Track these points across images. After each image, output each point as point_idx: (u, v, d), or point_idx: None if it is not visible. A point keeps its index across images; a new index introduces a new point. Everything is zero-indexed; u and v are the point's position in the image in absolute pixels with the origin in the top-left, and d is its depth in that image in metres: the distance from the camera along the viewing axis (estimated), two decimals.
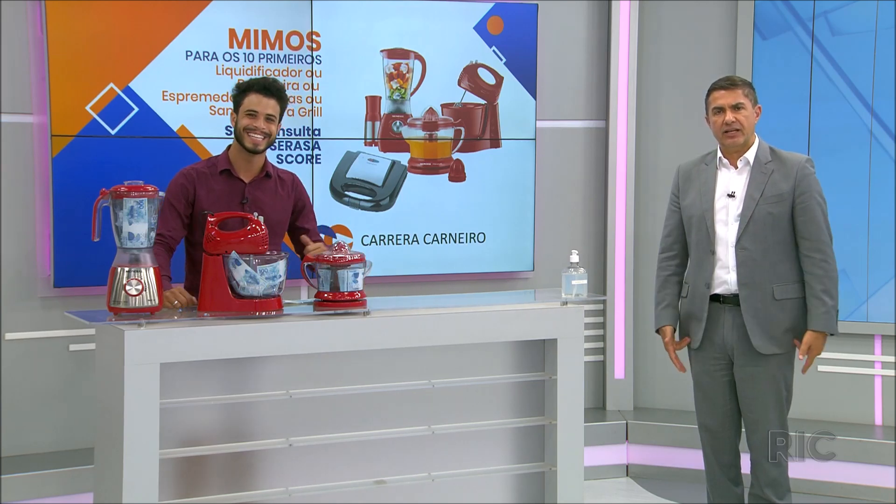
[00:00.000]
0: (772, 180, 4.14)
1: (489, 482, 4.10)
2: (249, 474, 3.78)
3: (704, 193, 4.22)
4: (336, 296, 3.81)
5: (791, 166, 4.16)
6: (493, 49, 5.60)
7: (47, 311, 4.97)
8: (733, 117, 4.14)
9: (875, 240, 5.61)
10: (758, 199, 4.12)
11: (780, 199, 4.12)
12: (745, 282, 4.13)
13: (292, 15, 5.24)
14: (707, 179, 4.23)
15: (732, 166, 4.20)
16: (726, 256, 4.16)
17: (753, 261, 4.12)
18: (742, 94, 4.15)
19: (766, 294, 4.13)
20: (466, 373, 4.02)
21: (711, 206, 4.19)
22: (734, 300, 4.16)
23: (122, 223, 3.57)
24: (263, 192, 4.22)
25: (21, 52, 4.90)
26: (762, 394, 4.19)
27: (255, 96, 4.13)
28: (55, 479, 4.74)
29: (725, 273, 4.17)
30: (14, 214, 4.93)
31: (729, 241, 4.16)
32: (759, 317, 4.13)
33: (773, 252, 4.13)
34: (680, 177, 4.35)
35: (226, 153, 4.25)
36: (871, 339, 5.66)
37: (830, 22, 5.67)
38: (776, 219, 4.12)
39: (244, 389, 3.73)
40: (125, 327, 3.49)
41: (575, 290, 4.10)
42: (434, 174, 5.58)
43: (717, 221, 4.18)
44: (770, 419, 4.20)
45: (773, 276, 4.13)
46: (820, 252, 4.13)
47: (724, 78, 4.25)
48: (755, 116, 4.20)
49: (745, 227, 4.12)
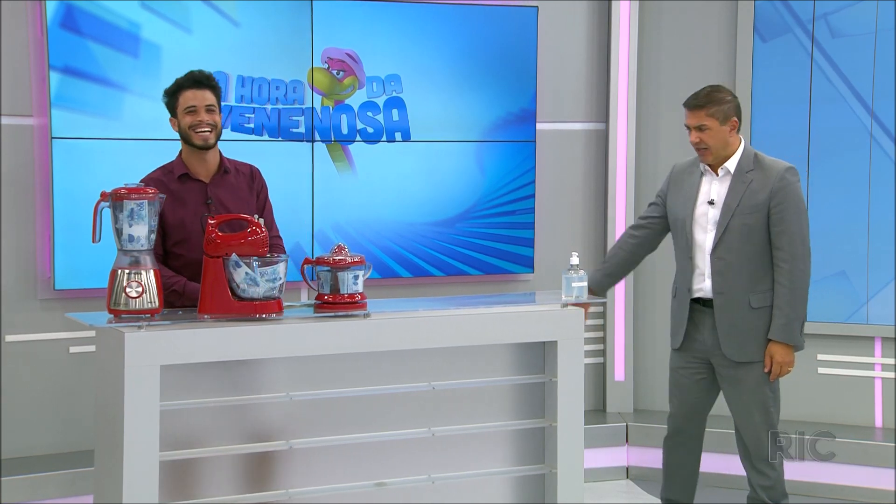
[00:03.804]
0: (750, 190, 4.16)
1: (489, 484, 4.10)
2: (249, 477, 3.78)
3: (688, 199, 4.26)
4: (336, 298, 3.81)
5: (770, 176, 4.17)
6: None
7: (48, 313, 4.97)
8: (698, 138, 4.19)
9: (875, 242, 5.62)
10: (734, 209, 4.15)
11: (756, 209, 4.14)
12: (720, 290, 4.17)
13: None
14: (692, 184, 4.27)
15: (714, 174, 4.24)
16: (703, 263, 4.20)
17: (729, 270, 4.15)
18: (705, 116, 4.17)
19: (741, 303, 4.16)
20: (467, 375, 4.02)
21: (692, 212, 4.23)
22: (711, 304, 4.21)
23: (122, 225, 3.56)
24: (225, 189, 4.12)
25: (21, 54, 4.91)
26: (745, 399, 4.23)
27: (189, 92, 4.01)
28: (55, 481, 4.74)
29: (702, 280, 4.22)
30: (15, 216, 4.93)
31: (706, 248, 4.19)
32: (734, 325, 4.17)
33: (749, 261, 4.16)
34: (672, 176, 4.39)
35: (179, 157, 4.12)
36: (871, 341, 5.66)
37: (830, 24, 5.67)
38: (752, 229, 4.15)
39: (244, 392, 3.73)
40: (125, 329, 3.48)
41: (575, 292, 4.10)
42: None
43: (697, 228, 4.22)
44: (756, 423, 4.23)
45: (749, 285, 4.16)
46: (789, 263, 4.13)
47: (693, 94, 4.26)
48: (727, 131, 4.20)
49: (721, 237, 4.16)
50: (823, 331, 5.70)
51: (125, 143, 5.00)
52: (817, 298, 5.67)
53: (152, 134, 5.02)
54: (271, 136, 5.28)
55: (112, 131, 4.98)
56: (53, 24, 4.85)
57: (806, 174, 5.72)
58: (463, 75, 5.63)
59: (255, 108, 5.24)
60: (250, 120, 5.22)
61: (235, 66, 5.20)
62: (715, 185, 4.23)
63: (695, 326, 4.26)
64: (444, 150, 5.63)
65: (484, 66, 5.67)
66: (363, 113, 5.47)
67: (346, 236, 5.41)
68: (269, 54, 5.26)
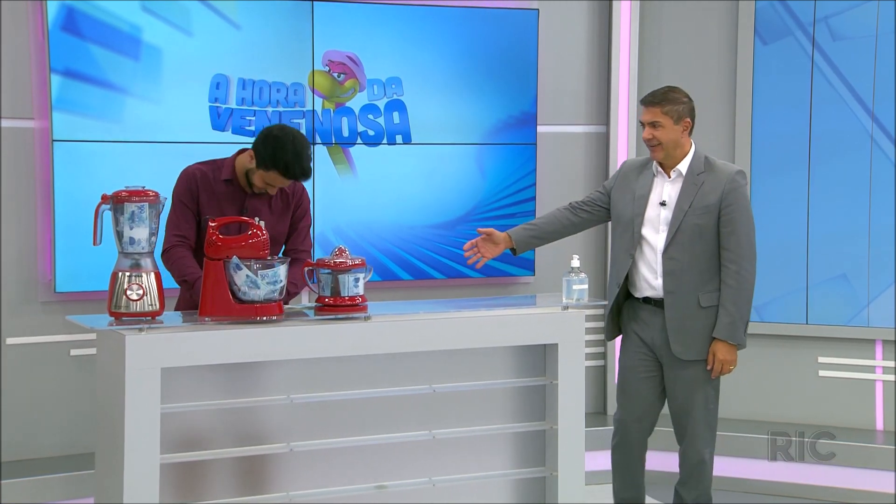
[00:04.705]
0: (701, 192, 4.22)
1: (490, 487, 4.10)
2: (250, 479, 3.78)
3: (638, 199, 4.30)
4: (337, 300, 3.82)
5: (721, 178, 4.23)
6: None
7: (48, 315, 4.97)
8: (650, 134, 4.24)
9: (876, 245, 5.61)
10: (686, 210, 4.21)
11: (708, 210, 4.20)
12: (671, 290, 4.21)
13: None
14: (644, 185, 4.32)
15: (666, 175, 4.29)
16: (655, 263, 4.24)
17: (681, 269, 4.20)
18: (660, 113, 4.22)
19: (691, 302, 4.21)
20: (467, 377, 4.02)
21: (642, 212, 4.28)
22: (662, 304, 4.24)
23: (123, 228, 3.57)
24: (263, 203, 4.13)
25: (22, 57, 4.91)
26: (688, 397, 4.26)
27: (282, 179, 4.00)
28: (56, 484, 4.74)
29: (654, 278, 4.25)
30: (15, 219, 4.93)
31: (658, 248, 4.23)
32: (683, 324, 4.21)
33: (699, 261, 4.21)
34: (622, 173, 4.44)
35: (233, 161, 4.14)
36: (871, 344, 5.65)
37: (831, 27, 5.67)
38: (703, 229, 4.20)
39: (245, 394, 3.73)
40: (126, 332, 3.49)
41: (576, 295, 4.11)
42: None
43: (648, 228, 4.26)
44: (695, 420, 4.27)
45: (699, 284, 4.21)
46: (736, 264, 4.19)
47: (651, 92, 4.32)
48: (680, 131, 4.25)
49: (673, 237, 4.21)
50: (824, 333, 5.70)
51: (126, 146, 5.00)
52: (818, 301, 5.69)
53: (153, 136, 5.03)
54: None
55: (113, 134, 4.98)
56: (54, 27, 4.85)
57: (807, 177, 5.72)
58: (464, 78, 5.63)
59: (256, 111, 5.24)
60: (251, 122, 5.22)
61: (236, 68, 5.20)
62: (667, 187, 4.28)
63: (643, 325, 4.29)
64: (444, 153, 5.63)
65: (485, 68, 5.67)
66: (364, 115, 5.47)
67: (347, 239, 5.41)
68: (270, 57, 5.26)
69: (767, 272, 5.77)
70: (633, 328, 4.33)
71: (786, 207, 5.76)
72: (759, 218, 5.35)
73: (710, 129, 5.87)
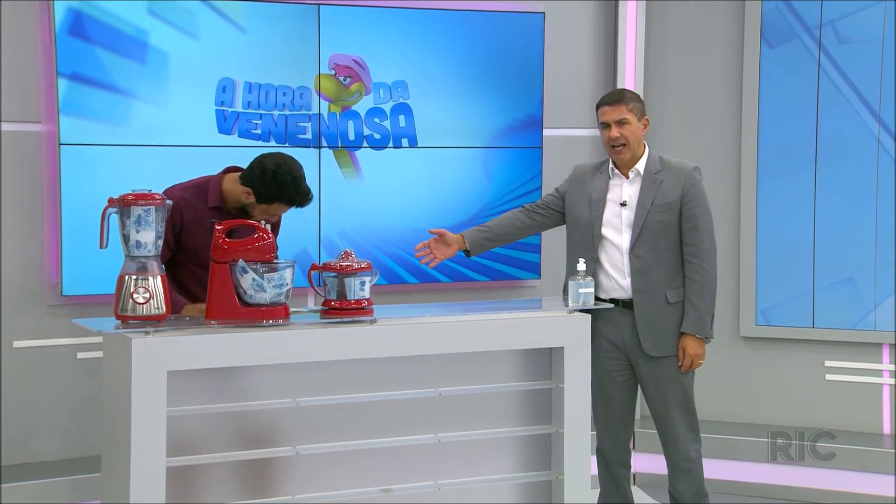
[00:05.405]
0: (661, 189, 4.26)
1: (496, 490, 4.10)
2: (256, 482, 3.78)
3: (595, 202, 4.33)
4: (343, 304, 3.82)
5: (679, 175, 4.28)
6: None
7: (55, 318, 4.98)
8: (618, 133, 4.26)
9: (882, 248, 5.61)
10: (649, 208, 4.24)
11: (669, 207, 4.24)
12: (639, 288, 4.25)
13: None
14: (599, 188, 4.34)
15: (624, 177, 4.31)
16: (622, 263, 4.27)
17: (648, 268, 4.24)
18: (626, 110, 4.27)
19: (658, 298, 4.25)
20: (473, 381, 4.02)
21: (601, 214, 4.30)
22: (630, 304, 4.26)
23: (129, 231, 3.57)
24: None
25: (30, 61, 4.92)
26: (664, 394, 4.29)
27: (284, 209, 4.04)
28: (62, 487, 4.74)
29: (622, 278, 4.27)
30: (22, 222, 4.94)
31: (623, 248, 4.25)
32: (652, 321, 4.25)
33: (665, 258, 4.25)
34: (574, 176, 4.46)
35: (219, 186, 4.10)
36: (878, 348, 5.65)
37: (837, 30, 5.67)
38: (666, 226, 4.24)
39: (251, 397, 3.73)
40: (132, 335, 3.49)
41: (582, 298, 4.11)
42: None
43: (608, 229, 4.28)
44: (675, 418, 4.30)
45: (666, 281, 4.25)
46: (699, 258, 4.24)
47: (609, 93, 4.38)
48: (642, 129, 4.31)
49: (639, 236, 4.24)
50: (830, 337, 5.70)
51: (133, 150, 5.01)
52: (825, 304, 5.68)
53: (159, 140, 5.04)
54: (278, 142, 5.29)
55: (119, 137, 4.99)
56: (62, 31, 4.86)
57: (813, 180, 5.72)
58: (469, 81, 5.64)
59: (262, 115, 5.25)
60: (257, 126, 5.23)
61: (242, 72, 5.21)
62: (626, 188, 4.31)
63: (612, 326, 4.31)
64: (450, 156, 5.63)
65: (490, 72, 5.67)
66: (370, 119, 5.48)
67: (353, 242, 5.41)
68: (276, 61, 5.27)
69: (773, 275, 5.78)
70: (601, 331, 4.30)
71: (792, 210, 5.76)
72: (764, 221, 5.35)
73: (716, 132, 5.87)
